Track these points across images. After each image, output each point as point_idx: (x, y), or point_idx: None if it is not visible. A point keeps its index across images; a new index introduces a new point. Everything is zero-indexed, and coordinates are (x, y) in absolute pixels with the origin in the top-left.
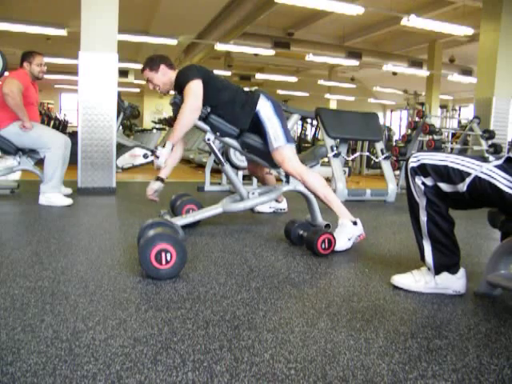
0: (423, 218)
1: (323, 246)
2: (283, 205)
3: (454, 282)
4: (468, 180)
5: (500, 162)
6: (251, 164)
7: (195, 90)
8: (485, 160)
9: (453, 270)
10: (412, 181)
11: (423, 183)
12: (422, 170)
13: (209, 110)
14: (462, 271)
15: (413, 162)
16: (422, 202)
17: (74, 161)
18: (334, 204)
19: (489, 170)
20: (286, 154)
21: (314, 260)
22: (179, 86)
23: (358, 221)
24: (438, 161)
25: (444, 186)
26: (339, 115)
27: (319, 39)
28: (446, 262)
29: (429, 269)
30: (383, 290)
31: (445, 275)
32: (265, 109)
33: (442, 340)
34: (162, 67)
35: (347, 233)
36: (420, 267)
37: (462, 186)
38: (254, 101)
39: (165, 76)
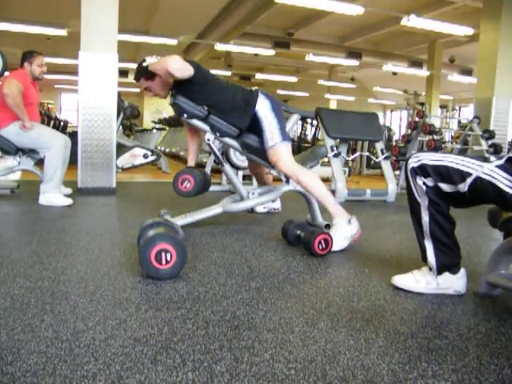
0: (425, 217)
1: (320, 246)
2: (277, 204)
3: (454, 282)
4: (469, 180)
5: (501, 161)
6: (252, 163)
7: (181, 61)
8: (485, 160)
9: (454, 269)
10: (413, 181)
11: (424, 183)
12: (423, 170)
13: (206, 109)
14: (462, 271)
15: (413, 163)
16: (423, 202)
17: (74, 161)
18: (328, 204)
19: (490, 171)
20: (280, 152)
21: (313, 260)
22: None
23: (354, 218)
24: (438, 161)
25: (445, 187)
26: (339, 115)
27: (319, 39)
28: (448, 261)
29: (430, 269)
30: (383, 290)
31: (446, 275)
32: (263, 108)
33: (442, 340)
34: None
35: (343, 231)
36: (421, 267)
37: (463, 187)
38: (253, 100)
39: (162, 80)
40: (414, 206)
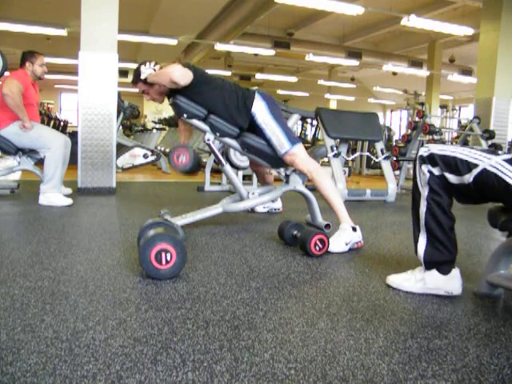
0: (423, 208)
1: (317, 247)
2: (277, 204)
3: (444, 283)
4: (475, 171)
5: (510, 156)
6: (253, 162)
7: (182, 69)
8: (494, 153)
9: (443, 269)
10: (418, 169)
11: (429, 171)
12: (431, 159)
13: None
14: (454, 272)
15: (422, 152)
16: (424, 192)
17: (74, 161)
18: (338, 207)
19: (497, 163)
20: (294, 156)
21: (313, 260)
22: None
23: (358, 228)
24: (447, 152)
25: (450, 177)
26: (339, 115)
27: (319, 39)
28: (438, 257)
29: (421, 264)
30: (383, 290)
31: (434, 274)
32: (260, 112)
33: (442, 340)
34: None
35: (346, 237)
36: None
37: (469, 177)
38: (250, 102)
39: (161, 87)
40: (415, 196)
